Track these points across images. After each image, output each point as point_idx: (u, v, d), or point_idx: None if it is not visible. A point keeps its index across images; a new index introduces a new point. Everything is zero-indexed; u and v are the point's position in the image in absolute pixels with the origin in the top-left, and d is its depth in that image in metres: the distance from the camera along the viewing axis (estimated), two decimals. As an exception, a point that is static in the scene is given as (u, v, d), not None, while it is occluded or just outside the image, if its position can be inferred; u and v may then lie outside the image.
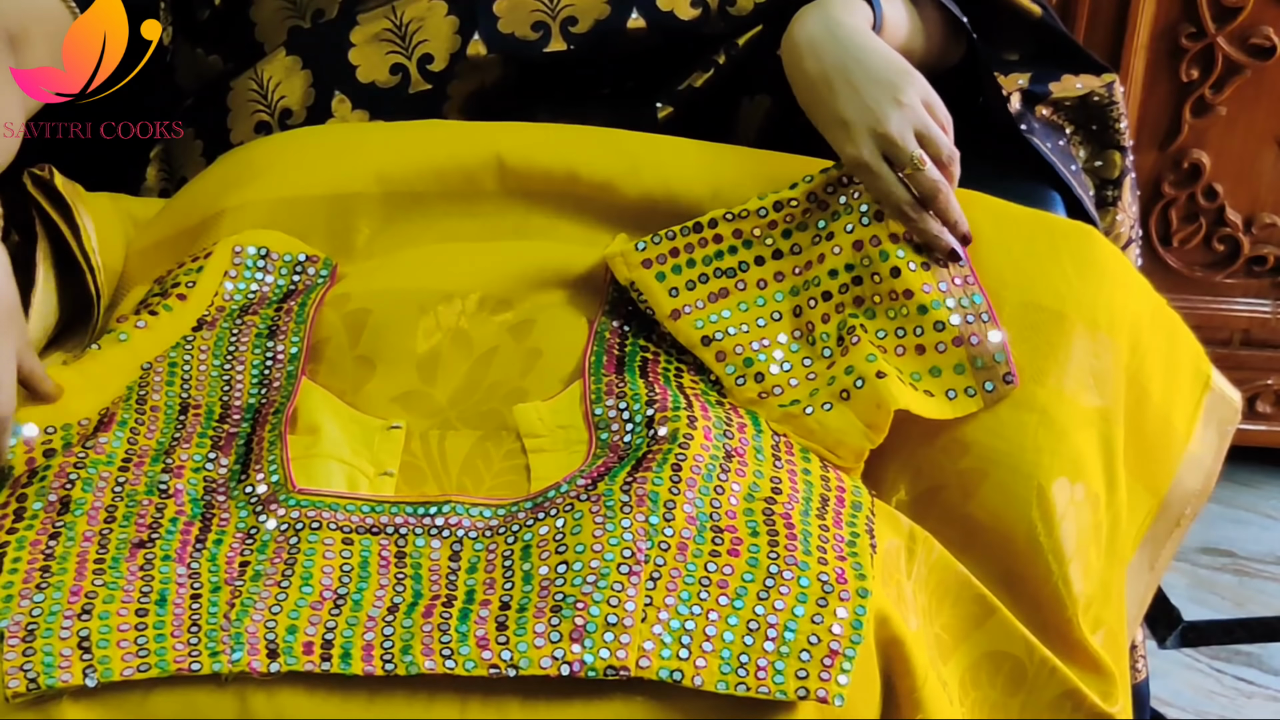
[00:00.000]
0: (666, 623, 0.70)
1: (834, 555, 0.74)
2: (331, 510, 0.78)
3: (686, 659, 0.69)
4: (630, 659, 0.68)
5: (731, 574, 0.72)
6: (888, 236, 0.87)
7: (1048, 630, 0.82)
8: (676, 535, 0.74)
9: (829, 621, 0.70)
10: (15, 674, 0.67)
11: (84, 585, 0.71)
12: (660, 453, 0.78)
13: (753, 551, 0.73)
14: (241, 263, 0.92)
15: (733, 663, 0.69)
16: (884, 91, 0.86)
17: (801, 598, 0.71)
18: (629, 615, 0.69)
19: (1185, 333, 0.93)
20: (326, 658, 0.69)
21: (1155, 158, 1.46)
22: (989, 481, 0.83)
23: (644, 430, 0.81)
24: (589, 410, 0.83)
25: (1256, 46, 1.40)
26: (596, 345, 0.88)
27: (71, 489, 0.76)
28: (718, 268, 0.90)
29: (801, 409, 0.84)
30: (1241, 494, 1.59)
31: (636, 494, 0.75)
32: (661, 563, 0.72)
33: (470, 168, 0.96)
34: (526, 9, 0.99)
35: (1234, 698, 1.36)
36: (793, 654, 0.69)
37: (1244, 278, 1.52)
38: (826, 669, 0.69)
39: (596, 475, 0.78)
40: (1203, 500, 0.94)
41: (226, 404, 0.84)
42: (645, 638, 0.69)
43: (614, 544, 0.72)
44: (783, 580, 0.72)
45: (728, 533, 0.75)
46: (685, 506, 0.75)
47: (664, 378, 0.86)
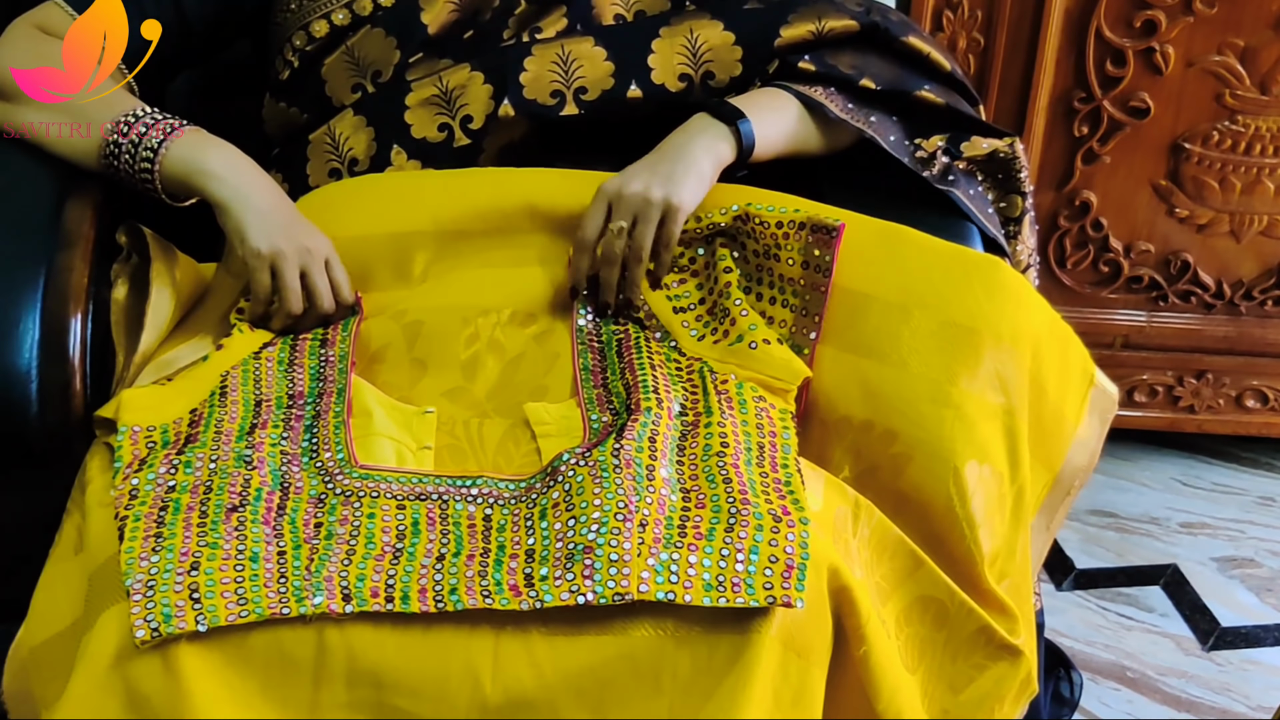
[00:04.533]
0: (657, 556, 0.71)
1: (775, 495, 0.76)
2: (387, 482, 0.78)
3: (676, 583, 0.70)
4: (632, 586, 0.69)
5: (701, 520, 0.73)
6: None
7: (963, 581, 0.83)
8: (656, 494, 0.74)
9: (783, 545, 0.72)
10: (140, 624, 0.67)
11: (190, 546, 0.71)
12: (638, 425, 0.79)
13: (714, 500, 0.75)
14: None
15: (712, 583, 0.70)
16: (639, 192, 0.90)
17: (758, 529, 0.72)
18: (627, 553, 0.70)
19: (1075, 341, 0.93)
20: (390, 599, 0.69)
21: (1053, 196, 1.46)
22: (914, 464, 0.83)
23: (624, 413, 0.82)
24: (585, 415, 0.84)
25: (1134, 108, 1.41)
26: (581, 345, 0.88)
27: (175, 472, 0.76)
28: (691, 256, 0.94)
29: (746, 344, 0.86)
30: (1122, 467, 1.59)
31: (624, 459, 0.76)
32: (647, 514, 0.73)
33: (507, 209, 0.96)
34: (546, 80, 0.99)
35: (1116, 630, 1.36)
36: (759, 571, 0.70)
37: (1124, 293, 1.52)
38: (786, 580, 0.70)
39: (590, 447, 0.79)
40: (1088, 474, 0.95)
41: (291, 395, 0.84)
42: (642, 569, 0.70)
43: (610, 498, 0.73)
44: (741, 519, 0.73)
45: (693, 492, 0.76)
46: (661, 470, 0.76)
47: (635, 350, 0.87)
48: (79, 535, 0.76)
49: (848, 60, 1.01)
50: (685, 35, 1.01)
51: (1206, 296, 1.52)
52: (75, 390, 0.83)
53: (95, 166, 0.91)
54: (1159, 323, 1.53)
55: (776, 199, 0.94)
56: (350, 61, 1.01)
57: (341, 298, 0.90)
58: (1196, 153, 1.43)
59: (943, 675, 0.83)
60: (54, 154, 0.91)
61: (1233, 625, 1.37)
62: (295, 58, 1.01)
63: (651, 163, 0.93)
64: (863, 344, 0.87)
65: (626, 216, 0.91)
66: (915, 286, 0.88)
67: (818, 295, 0.89)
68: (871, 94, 1.01)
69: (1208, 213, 1.47)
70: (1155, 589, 1.42)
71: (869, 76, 1.01)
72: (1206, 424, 1.57)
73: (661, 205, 0.90)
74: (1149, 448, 1.62)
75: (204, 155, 0.88)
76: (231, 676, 0.68)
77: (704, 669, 0.69)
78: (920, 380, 0.84)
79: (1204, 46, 1.38)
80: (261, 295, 0.89)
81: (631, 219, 0.91)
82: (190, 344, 0.88)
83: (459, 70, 1.00)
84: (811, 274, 0.89)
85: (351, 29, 1.00)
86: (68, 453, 0.82)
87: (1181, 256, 1.50)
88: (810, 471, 0.81)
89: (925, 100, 1.01)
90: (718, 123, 0.95)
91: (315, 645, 0.68)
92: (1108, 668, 1.30)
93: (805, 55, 1.01)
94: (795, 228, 0.90)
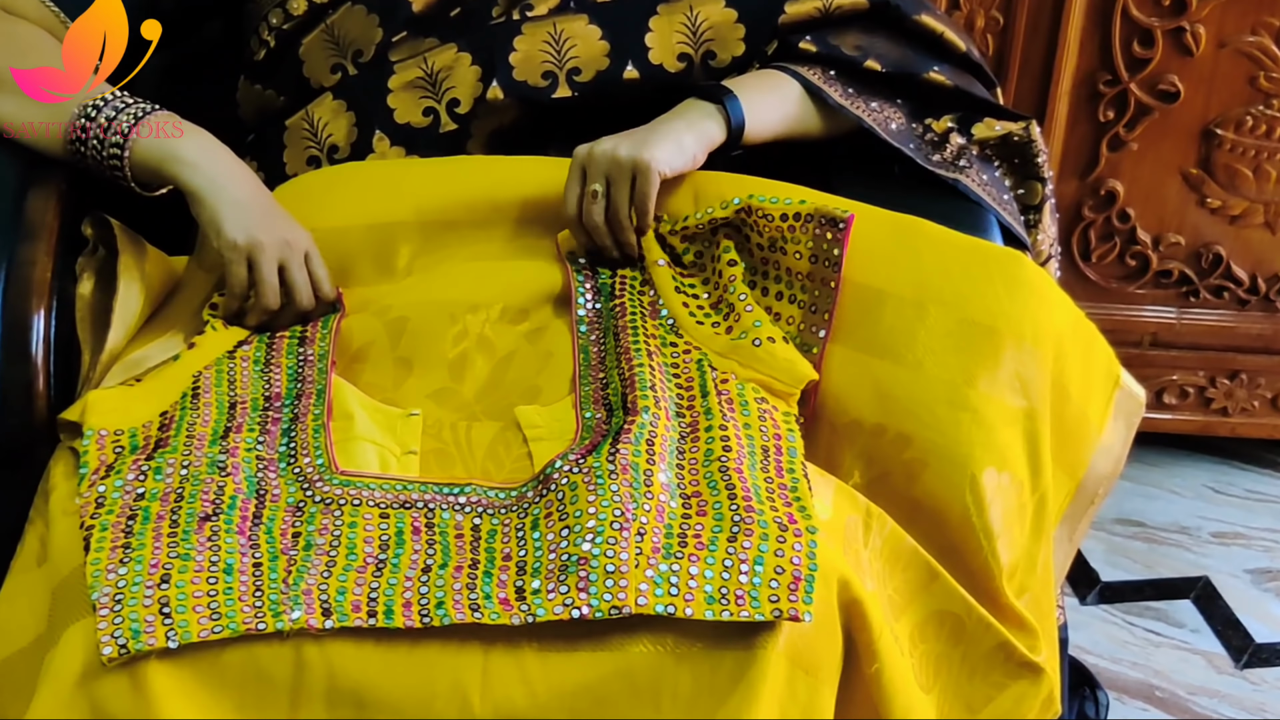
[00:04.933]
0: (656, 567, 0.70)
1: (781, 502, 0.75)
2: (370, 489, 0.77)
3: (676, 595, 0.69)
4: (629, 599, 0.68)
5: (703, 529, 0.73)
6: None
7: (980, 594, 0.82)
8: (655, 500, 0.74)
9: (789, 555, 0.71)
10: (108, 641, 0.66)
11: (160, 558, 0.70)
12: (635, 427, 0.78)
13: (716, 507, 0.74)
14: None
15: (715, 595, 0.69)
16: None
17: (764, 538, 0.72)
18: (624, 564, 0.69)
19: (1100, 340, 0.92)
20: (372, 614, 0.68)
21: (1077, 186, 1.45)
22: (929, 470, 0.82)
23: (621, 413, 0.81)
24: (579, 415, 0.83)
25: (1163, 92, 1.40)
26: (581, 339, 0.88)
27: (145, 479, 0.75)
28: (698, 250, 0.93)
29: (749, 341, 0.85)
30: (1150, 473, 1.57)
31: (620, 464, 0.75)
32: (645, 521, 0.72)
33: (497, 199, 0.95)
34: (538, 60, 0.99)
35: (1144, 647, 1.35)
36: (764, 583, 0.70)
37: (1152, 288, 1.51)
38: (793, 592, 0.69)
39: (585, 452, 0.78)
40: (1113, 481, 0.94)
41: (268, 396, 0.84)
42: (640, 580, 0.69)
43: (605, 505, 0.72)
44: (745, 526, 0.72)
45: (694, 498, 0.75)
46: (660, 476, 0.75)
47: (632, 335, 0.87)
48: (42, 546, 0.75)
49: (852, 40, 1.01)
50: (685, 12, 1.00)
51: (1240, 292, 1.51)
52: (38, 391, 0.83)
53: (61, 153, 0.90)
54: (1190, 320, 1.52)
55: (781, 189, 0.94)
56: (330, 41, 1.00)
57: (321, 294, 0.90)
58: (1229, 139, 1.42)
59: (960, 694, 0.82)
60: (16, 140, 0.90)
61: (1268, 641, 1.36)
62: (271, 37, 1.01)
63: (629, 132, 0.93)
64: (875, 343, 0.86)
65: (599, 179, 0.91)
66: (932, 282, 0.87)
67: (827, 291, 0.88)
68: (877, 76, 1.01)
69: (1241, 203, 1.46)
70: (1185, 603, 1.41)
71: (874, 58, 1.00)
72: (1240, 427, 1.56)
73: (629, 163, 0.90)
74: (1179, 453, 1.61)
75: (176, 141, 0.88)
76: (204, 696, 0.67)
77: (706, 688, 0.69)
78: (936, 382, 0.84)
79: (1237, 26, 1.37)
80: (237, 290, 0.88)
81: (604, 181, 0.91)
82: (160, 342, 0.87)
83: (445, 50, 0.99)
84: (820, 268, 0.88)
85: (331, 6, 0.99)
86: (30, 458, 0.81)
87: (1213, 249, 1.49)
88: (819, 478, 0.80)
89: (933, 82, 1.01)
90: (704, 103, 0.95)
91: (293, 663, 0.67)
92: (1135, 687, 1.29)
93: (807, 35, 1.01)
94: (802, 220, 0.89)
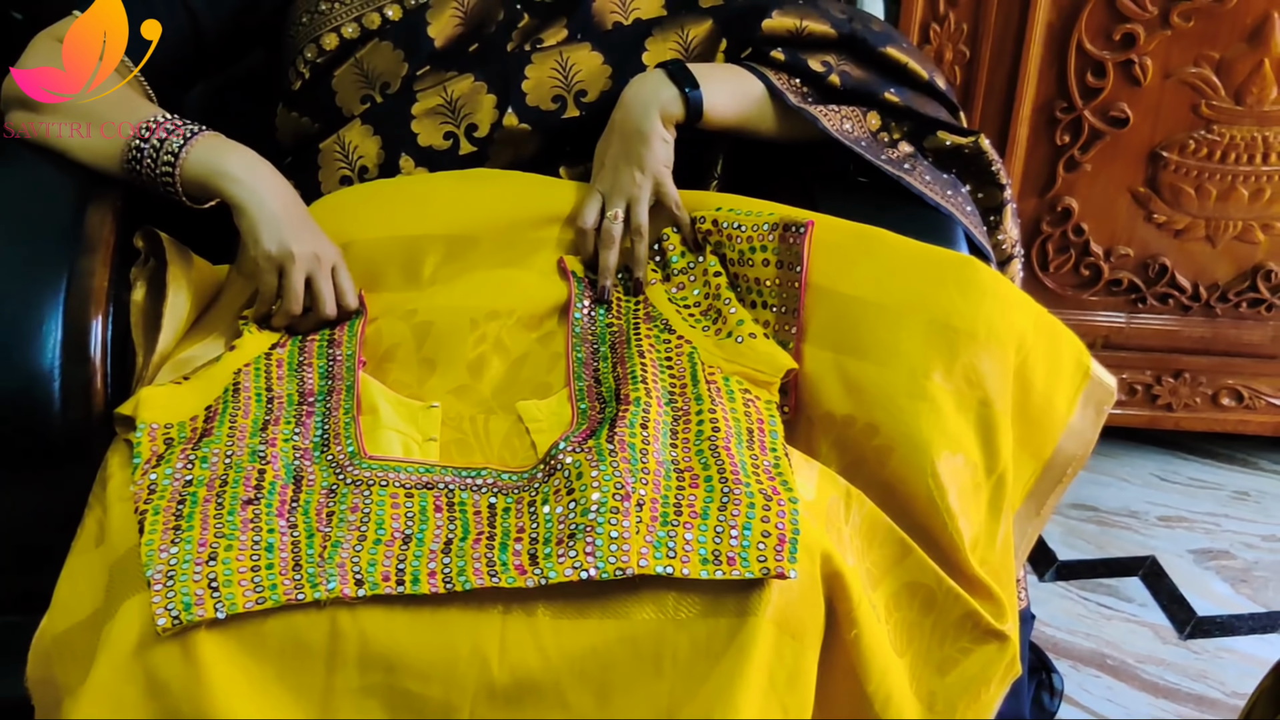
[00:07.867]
0: (655, 534, 0.72)
1: (765, 476, 0.77)
2: (395, 472, 0.78)
3: (674, 558, 0.71)
4: (632, 561, 0.70)
5: (696, 499, 0.75)
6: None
7: (949, 567, 0.83)
8: (651, 475, 0.75)
9: (774, 520, 0.73)
10: (162, 613, 0.67)
11: (208, 538, 0.71)
12: (629, 414, 0.80)
13: (708, 481, 0.76)
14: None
15: (709, 557, 0.71)
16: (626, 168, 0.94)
17: (751, 507, 0.73)
18: (626, 531, 0.71)
19: (1066, 335, 0.93)
20: (400, 582, 0.70)
21: (1036, 203, 1.46)
22: (895, 455, 0.84)
23: (614, 404, 0.83)
24: (575, 407, 0.85)
25: (1114, 118, 1.41)
26: (575, 339, 0.89)
27: (192, 467, 0.76)
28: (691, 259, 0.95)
29: (734, 339, 0.88)
30: (1103, 462, 1.58)
31: (618, 444, 0.77)
32: (644, 494, 0.74)
33: (515, 216, 0.96)
34: (547, 85, 1.00)
35: (1096, 620, 1.36)
36: (753, 545, 0.72)
37: (1104, 295, 1.52)
38: (779, 552, 0.71)
39: (585, 435, 0.80)
40: (1083, 462, 0.94)
41: (302, 393, 0.85)
42: (641, 545, 0.71)
43: (607, 479, 0.74)
44: (734, 497, 0.74)
45: (687, 473, 0.77)
46: (655, 454, 0.77)
47: (627, 343, 0.88)
48: (100, 528, 0.76)
49: (821, 58, 1.01)
50: (677, 33, 1.01)
51: (1183, 299, 1.52)
52: (96, 389, 0.84)
53: (117, 170, 0.91)
54: (1138, 324, 1.54)
55: (750, 204, 0.94)
56: (359, 74, 1.01)
57: (345, 304, 0.91)
58: (1174, 161, 1.44)
59: (930, 658, 0.83)
60: (75, 160, 0.91)
61: (1208, 615, 1.37)
62: (306, 69, 1.01)
63: (615, 153, 0.95)
64: (844, 342, 0.87)
65: (620, 205, 0.94)
66: (893, 286, 0.88)
67: (793, 291, 0.89)
68: (837, 92, 1.00)
69: (1184, 218, 1.48)
70: (1134, 580, 1.42)
71: (838, 74, 1.00)
72: (1184, 421, 1.57)
73: (650, 182, 0.94)
74: (1129, 444, 1.62)
75: (223, 158, 0.89)
76: (248, 663, 0.68)
77: (702, 651, 0.70)
78: (898, 375, 0.85)
79: (1181, 59, 1.38)
80: (267, 296, 0.89)
81: (625, 205, 0.94)
82: (205, 343, 0.89)
83: (463, 80, 1.00)
84: (786, 272, 0.90)
85: (360, 42, 1.00)
86: (89, 449, 0.82)
87: (1159, 260, 1.50)
88: (804, 463, 0.82)
89: (889, 102, 1.01)
90: (664, 79, 0.96)
91: (329, 630, 0.69)
92: (1088, 655, 1.31)
93: (779, 47, 1.01)
94: (767, 230, 0.91)
